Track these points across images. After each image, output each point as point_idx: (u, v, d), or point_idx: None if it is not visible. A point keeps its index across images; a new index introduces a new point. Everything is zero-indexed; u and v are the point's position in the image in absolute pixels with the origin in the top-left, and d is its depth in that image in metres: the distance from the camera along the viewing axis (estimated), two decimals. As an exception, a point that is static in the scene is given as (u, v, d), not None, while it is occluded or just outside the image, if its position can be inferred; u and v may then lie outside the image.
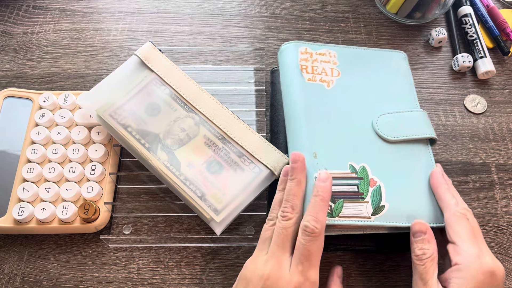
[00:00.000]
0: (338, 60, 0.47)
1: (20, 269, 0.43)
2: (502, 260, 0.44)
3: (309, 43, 0.48)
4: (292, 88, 0.45)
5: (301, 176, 0.38)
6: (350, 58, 0.48)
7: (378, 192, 0.39)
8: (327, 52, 0.48)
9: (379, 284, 0.43)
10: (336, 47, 0.49)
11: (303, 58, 0.46)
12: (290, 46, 0.47)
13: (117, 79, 0.46)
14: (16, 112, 0.48)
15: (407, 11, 0.56)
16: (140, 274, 0.43)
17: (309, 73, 0.46)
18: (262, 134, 0.45)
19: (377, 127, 0.43)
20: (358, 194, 0.39)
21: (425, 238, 0.36)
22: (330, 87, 0.45)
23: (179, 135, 0.44)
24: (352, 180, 0.40)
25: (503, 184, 0.48)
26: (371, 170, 0.41)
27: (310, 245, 0.34)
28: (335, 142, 0.42)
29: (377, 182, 0.40)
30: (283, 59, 0.47)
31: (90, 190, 0.44)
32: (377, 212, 0.38)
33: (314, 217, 0.35)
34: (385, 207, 0.39)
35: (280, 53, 0.48)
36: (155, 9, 0.59)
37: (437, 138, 0.44)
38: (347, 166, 0.40)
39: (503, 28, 0.56)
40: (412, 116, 0.45)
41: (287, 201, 0.37)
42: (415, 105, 0.46)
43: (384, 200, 0.39)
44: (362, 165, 0.41)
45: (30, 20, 0.57)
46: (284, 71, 0.47)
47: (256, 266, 0.35)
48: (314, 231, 0.34)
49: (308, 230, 0.34)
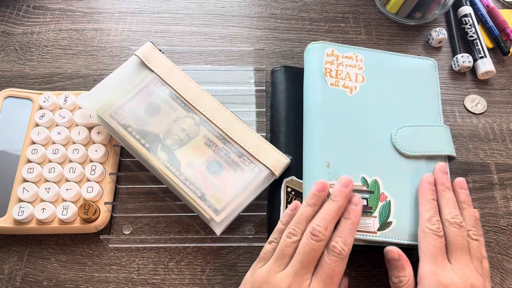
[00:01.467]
0: (364, 64, 0.46)
1: (20, 269, 0.43)
2: (502, 260, 0.44)
3: (336, 45, 0.47)
4: (314, 92, 0.44)
5: (345, 202, 0.37)
6: (377, 64, 0.47)
7: (387, 208, 0.39)
8: (354, 55, 0.46)
9: (379, 284, 0.43)
10: (364, 50, 0.47)
11: (328, 61, 0.46)
12: (316, 46, 0.47)
13: (117, 79, 0.46)
14: (16, 112, 0.48)
15: (407, 11, 0.56)
16: (140, 274, 0.43)
17: (332, 77, 0.45)
18: (262, 134, 0.45)
19: (395, 140, 0.42)
20: (367, 208, 0.39)
21: (399, 265, 0.37)
22: (353, 93, 0.44)
23: (179, 135, 0.44)
24: (363, 193, 0.40)
25: (503, 184, 0.48)
26: (383, 184, 0.40)
27: (335, 266, 0.34)
28: (350, 153, 0.41)
29: (387, 197, 0.40)
30: (308, 60, 0.47)
31: (90, 190, 0.44)
32: (384, 228, 0.38)
33: (344, 240, 0.35)
34: (392, 223, 0.39)
35: (306, 53, 0.48)
36: (155, 9, 0.59)
37: (456, 156, 0.43)
38: (359, 179, 0.40)
39: (503, 28, 0.56)
40: (433, 131, 0.43)
41: (323, 220, 0.35)
42: (438, 119, 0.45)
43: (392, 217, 0.39)
44: (374, 178, 0.40)
45: (30, 20, 0.57)
46: (308, 72, 0.46)
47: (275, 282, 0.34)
48: (342, 253, 0.34)
49: (335, 251, 0.34)
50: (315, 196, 0.37)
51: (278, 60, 0.55)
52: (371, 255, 0.44)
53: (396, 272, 0.37)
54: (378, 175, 0.40)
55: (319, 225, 0.35)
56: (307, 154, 0.42)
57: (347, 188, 0.37)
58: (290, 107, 0.48)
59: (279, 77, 0.50)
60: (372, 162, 0.41)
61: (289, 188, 0.43)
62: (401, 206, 0.39)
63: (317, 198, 0.37)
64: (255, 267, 0.36)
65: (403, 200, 0.40)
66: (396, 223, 0.39)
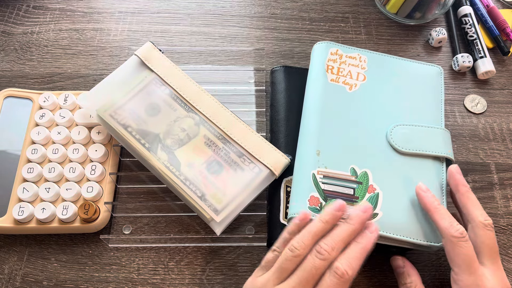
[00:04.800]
0: (367, 65, 0.47)
1: (20, 269, 0.43)
2: (502, 260, 0.44)
3: (342, 45, 0.48)
4: (313, 86, 0.45)
5: (360, 227, 0.35)
6: (380, 66, 0.47)
7: (374, 199, 0.39)
8: (358, 56, 0.47)
9: (379, 284, 0.43)
10: (369, 53, 0.48)
11: (331, 59, 0.46)
12: (321, 46, 0.48)
13: (117, 79, 0.46)
14: (16, 112, 0.48)
15: (407, 11, 0.56)
16: (140, 274, 0.43)
17: (333, 74, 0.45)
18: (262, 134, 0.45)
19: (390, 136, 0.42)
20: (353, 197, 0.39)
21: (405, 272, 0.37)
22: (352, 90, 0.45)
23: (179, 135, 0.44)
24: (350, 183, 0.40)
25: (503, 184, 0.48)
26: (372, 177, 0.40)
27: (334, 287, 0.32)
28: (342, 144, 0.42)
29: (376, 189, 0.40)
30: (312, 58, 0.48)
31: (90, 190, 0.44)
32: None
33: (349, 263, 0.33)
34: (378, 215, 0.39)
35: (312, 52, 0.49)
36: (155, 9, 0.59)
37: (454, 160, 0.42)
38: (349, 169, 0.40)
39: (503, 28, 0.56)
40: (432, 132, 0.43)
41: (332, 240, 0.34)
42: (439, 124, 0.45)
43: (379, 209, 0.39)
44: (364, 170, 0.40)
45: (30, 20, 0.57)
46: (310, 69, 0.47)
47: None
48: (344, 276, 0.32)
49: (338, 273, 0.32)
50: (331, 214, 0.35)
51: (278, 60, 0.55)
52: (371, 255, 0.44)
53: (403, 279, 0.38)
54: (368, 168, 0.41)
55: (327, 244, 0.34)
56: (300, 143, 0.43)
57: (365, 214, 0.35)
58: (290, 107, 0.48)
59: (279, 77, 0.50)
60: (364, 155, 0.41)
61: (289, 188, 0.43)
62: (389, 199, 0.39)
63: (332, 217, 0.35)
64: (256, 275, 0.36)
65: (392, 194, 0.40)
66: (382, 215, 0.39)
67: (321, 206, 0.38)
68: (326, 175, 0.40)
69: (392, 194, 0.40)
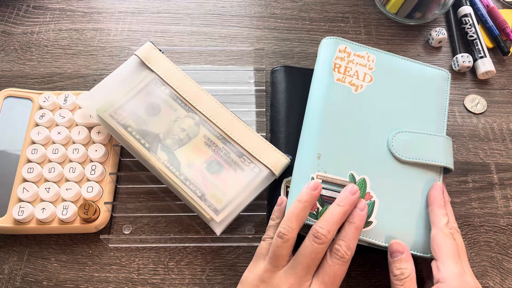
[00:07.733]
0: (375, 65, 0.45)
1: (20, 269, 0.43)
2: (502, 260, 0.44)
3: (351, 42, 0.46)
4: (318, 85, 0.44)
5: (350, 208, 0.37)
6: (388, 67, 0.46)
7: (370, 207, 0.39)
8: (366, 55, 0.46)
9: (379, 284, 0.43)
10: (377, 52, 0.46)
11: (339, 57, 0.45)
12: (329, 41, 0.46)
13: (117, 79, 0.46)
14: (16, 112, 0.48)
15: (407, 11, 0.56)
16: (140, 274, 0.43)
17: (340, 73, 0.44)
18: (262, 134, 0.45)
19: (391, 144, 0.42)
20: None
21: (403, 258, 0.36)
22: (358, 91, 0.44)
23: (179, 135, 0.44)
24: None
25: (503, 184, 0.48)
26: (370, 184, 0.40)
27: (337, 269, 0.34)
28: (343, 148, 0.41)
29: (372, 197, 0.39)
30: (320, 53, 0.47)
31: (90, 190, 0.44)
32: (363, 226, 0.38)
33: (347, 244, 0.35)
34: (372, 223, 0.38)
35: (320, 47, 0.47)
36: (155, 9, 0.59)
37: (453, 169, 0.42)
38: (347, 175, 0.40)
39: (503, 28, 0.56)
40: (433, 141, 0.42)
41: (327, 223, 0.35)
42: (441, 130, 0.44)
43: (374, 217, 0.39)
44: (363, 177, 0.40)
45: (30, 20, 0.57)
46: (317, 65, 0.46)
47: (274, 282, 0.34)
48: (344, 257, 0.35)
49: (339, 254, 0.35)
50: (307, 194, 0.37)
51: (278, 60, 0.55)
52: (371, 255, 0.44)
53: (399, 264, 0.36)
54: (367, 175, 0.40)
55: (323, 227, 0.35)
56: (301, 144, 0.43)
57: (353, 196, 0.37)
58: (290, 107, 0.48)
59: (279, 77, 0.50)
60: (364, 161, 0.41)
61: (289, 188, 0.43)
62: (385, 208, 0.39)
63: (310, 196, 0.37)
64: (252, 266, 0.36)
65: (388, 203, 0.39)
66: (376, 223, 0.38)
67: (317, 211, 0.38)
68: (325, 180, 0.39)
69: (388, 203, 0.39)
